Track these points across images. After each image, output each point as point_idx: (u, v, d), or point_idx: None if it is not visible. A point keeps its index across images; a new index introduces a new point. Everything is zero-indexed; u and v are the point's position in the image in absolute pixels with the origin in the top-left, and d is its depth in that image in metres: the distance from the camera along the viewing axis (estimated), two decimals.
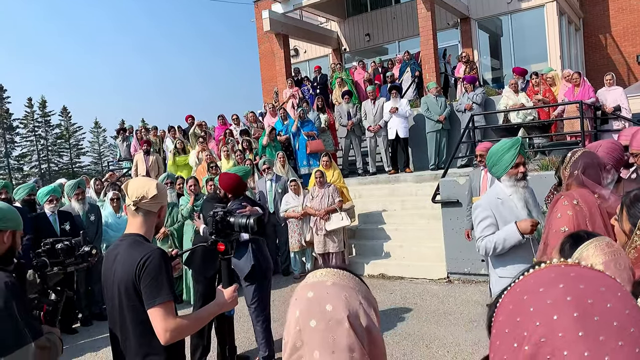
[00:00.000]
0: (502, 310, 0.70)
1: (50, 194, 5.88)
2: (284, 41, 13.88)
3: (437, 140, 9.44)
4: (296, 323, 0.88)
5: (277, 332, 5.14)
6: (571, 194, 2.59)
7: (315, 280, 0.93)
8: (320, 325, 0.85)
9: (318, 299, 0.88)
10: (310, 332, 0.86)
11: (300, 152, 9.43)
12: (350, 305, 0.87)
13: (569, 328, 0.60)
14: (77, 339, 5.73)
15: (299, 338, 0.87)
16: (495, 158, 3.14)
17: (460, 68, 11.13)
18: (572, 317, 0.60)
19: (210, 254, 4.16)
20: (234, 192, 4.21)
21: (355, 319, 0.86)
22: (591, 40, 15.17)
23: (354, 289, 0.91)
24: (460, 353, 4.40)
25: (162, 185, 2.13)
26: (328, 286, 0.90)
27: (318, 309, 0.87)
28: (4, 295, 1.72)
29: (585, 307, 0.61)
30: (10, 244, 1.91)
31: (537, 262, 0.72)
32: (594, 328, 0.59)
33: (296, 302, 0.91)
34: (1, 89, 50.76)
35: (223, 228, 2.06)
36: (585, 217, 2.47)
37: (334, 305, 0.86)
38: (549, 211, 2.74)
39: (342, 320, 0.85)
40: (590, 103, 8.15)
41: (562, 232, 2.49)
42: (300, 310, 0.89)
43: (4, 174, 48.67)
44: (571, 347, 0.59)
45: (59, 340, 1.90)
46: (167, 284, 1.89)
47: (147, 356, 1.93)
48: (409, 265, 7.20)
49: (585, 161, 2.70)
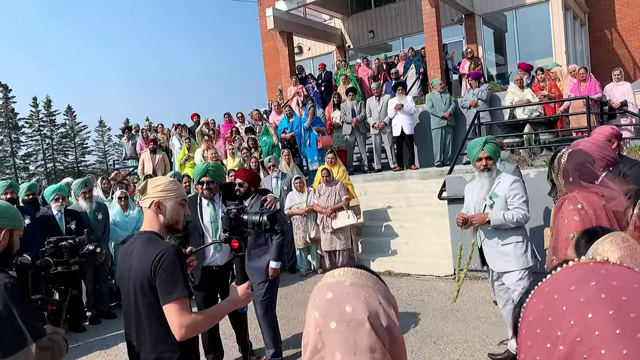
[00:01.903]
0: (531, 311, 0.69)
1: (57, 192, 5.90)
2: (288, 39, 13.86)
3: (442, 137, 9.41)
4: (316, 325, 0.88)
5: (284, 329, 5.15)
6: (575, 198, 2.57)
7: (334, 280, 0.92)
8: (341, 326, 0.85)
9: (337, 299, 0.87)
10: (330, 333, 0.85)
11: (311, 148, 9.42)
12: (370, 305, 0.87)
13: (606, 326, 0.59)
14: (86, 337, 5.76)
15: (320, 340, 0.86)
16: (468, 152, 4.03)
17: (465, 64, 11.09)
18: (607, 314, 0.60)
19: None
20: (255, 184, 4.23)
21: (375, 319, 0.86)
22: (597, 35, 15.07)
23: (373, 288, 0.90)
24: (468, 349, 4.40)
25: (179, 184, 2.13)
26: (347, 286, 0.89)
27: (337, 310, 0.86)
28: (3, 297, 1.69)
29: (620, 304, 0.60)
30: (6, 244, 1.84)
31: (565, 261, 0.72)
32: (631, 325, 0.58)
33: (315, 303, 0.90)
34: (6, 89, 50.93)
35: (237, 225, 2.07)
36: (592, 220, 2.46)
37: (353, 306, 0.86)
38: (554, 214, 2.74)
39: (363, 321, 0.84)
40: (597, 98, 8.10)
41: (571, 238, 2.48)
42: (320, 312, 0.88)
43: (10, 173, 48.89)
44: (609, 346, 0.58)
45: (64, 340, 1.87)
46: (182, 281, 1.90)
47: (162, 352, 1.94)
48: (416, 262, 7.20)
49: (575, 164, 2.68)
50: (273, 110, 11.34)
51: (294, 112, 10.29)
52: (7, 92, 51.00)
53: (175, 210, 2.07)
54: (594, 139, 3.55)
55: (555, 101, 8.45)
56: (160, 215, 2.05)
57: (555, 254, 2.62)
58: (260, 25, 18.76)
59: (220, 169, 4.32)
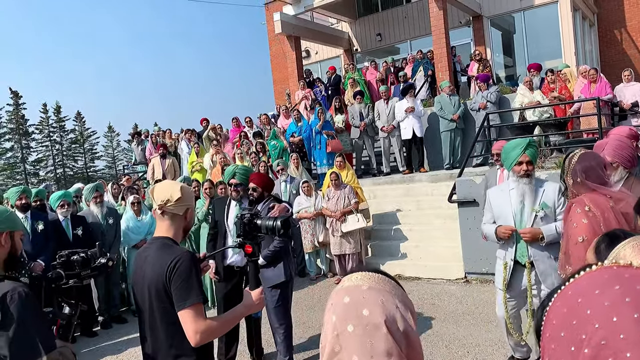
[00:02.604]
0: (554, 314, 0.69)
1: (62, 199, 5.96)
2: (296, 43, 13.91)
3: (451, 140, 9.39)
4: (333, 328, 0.88)
5: (294, 334, 5.14)
6: (582, 200, 2.55)
7: (351, 284, 0.93)
8: (358, 330, 0.85)
9: (355, 303, 0.88)
10: (348, 337, 0.86)
11: (321, 152, 9.44)
12: (387, 309, 0.87)
13: (631, 329, 0.59)
14: (98, 341, 5.79)
15: (337, 343, 0.87)
16: (505, 155, 3.59)
17: (474, 66, 11.05)
18: (632, 318, 0.60)
19: None
20: (268, 189, 4.26)
21: (392, 323, 0.86)
22: (606, 36, 14.97)
23: (390, 292, 0.91)
24: (480, 354, 4.37)
25: (187, 187, 2.14)
26: (364, 290, 0.90)
27: (355, 314, 0.87)
28: (18, 306, 1.67)
29: None
30: (10, 246, 1.83)
31: (588, 265, 0.72)
32: None
33: (332, 307, 0.91)
34: (17, 95, 51.54)
35: (250, 230, 2.07)
36: (600, 223, 2.43)
37: (370, 310, 0.86)
38: (563, 218, 2.72)
39: (380, 325, 0.85)
40: (607, 99, 8.04)
41: (581, 241, 2.46)
42: (337, 315, 0.89)
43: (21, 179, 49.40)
44: (634, 349, 0.58)
45: (72, 354, 1.85)
46: (196, 287, 1.91)
47: (178, 357, 1.94)
48: (426, 265, 7.17)
49: (583, 165, 2.67)
50: (281, 115, 11.38)
51: (302, 116, 10.32)
52: (18, 98, 51.60)
53: (193, 214, 2.15)
54: (620, 138, 3.34)
55: (565, 102, 8.41)
56: (186, 220, 2.11)
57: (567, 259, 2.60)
58: (268, 29, 18.85)
59: (248, 172, 4.43)
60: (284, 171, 7.93)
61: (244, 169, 4.40)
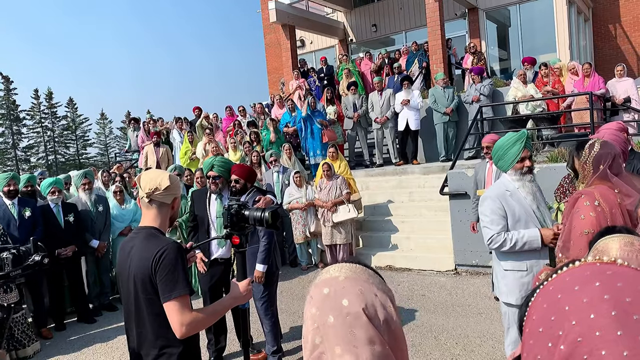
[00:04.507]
0: (535, 309, 0.69)
1: (53, 185, 5.92)
2: (290, 32, 13.80)
3: (445, 132, 9.39)
4: (314, 320, 0.88)
5: (285, 323, 5.17)
6: (592, 193, 2.51)
7: (329, 276, 0.93)
8: (338, 320, 0.85)
9: (334, 294, 0.88)
10: (329, 328, 0.86)
11: (314, 142, 9.41)
12: (366, 298, 0.87)
13: (607, 327, 0.59)
14: (87, 329, 5.78)
15: (318, 335, 0.87)
16: (501, 152, 3.14)
17: (468, 59, 11.03)
18: (609, 315, 0.59)
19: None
20: (251, 180, 4.22)
21: (372, 311, 0.86)
22: (600, 31, 14.98)
23: (367, 281, 0.91)
24: (469, 344, 4.40)
25: (175, 176, 2.12)
26: (342, 281, 0.90)
27: (334, 305, 0.86)
28: None
29: (624, 305, 0.60)
30: None
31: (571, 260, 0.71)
32: (633, 327, 0.58)
33: (312, 300, 0.91)
34: (8, 80, 50.91)
35: (238, 221, 2.06)
36: (607, 218, 2.42)
37: (350, 300, 0.86)
38: (567, 208, 2.64)
39: (359, 313, 0.85)
40: (600, 94, 8.07)
41: (586, 234, 2.45)
42: (317, 307, 0.88)
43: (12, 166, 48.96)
44: (609, 347, 0.58)
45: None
46: (182, 278, 1.89)
47: (164, 348, 1.93)
48: (417, 257, 7.20)
49: (606, 152, 2.61)
50: (275, 104, 11.32)
51: (296, 106, 10.27)
52: (9, 83, 50.98)
53: (179, 203, 2.13)
54: (615, 132, 3.29)
55: (558, 97, 8.42)
56: (173, 209, 2.09)
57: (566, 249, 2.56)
58: (263, 18, 18.69)
59: (227, 164, 4.34)
60: (276, 162, 7.91)
61: (222, 161, 4.31)
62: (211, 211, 4.29)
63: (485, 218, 3.16)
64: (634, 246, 1.22)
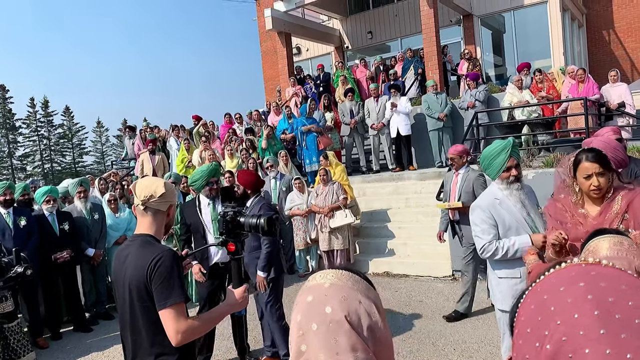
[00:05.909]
0: (524, 310, 0.70)
1: (47, 194, 5.91)
2: (286, 39, 13.87)
3: (439, 138, 9.41)
4: (299, 327, 0.89)
5: None
6: None
7: (314, 283, 0.94)
8: (322, 328, 0.86)
9: (317, 302, 0.89)
10: (313, 335, 0.86)
11: (310, 150, 9.43)
12: (350, 305, 0.88)
13: (590, 326, 0.60)
14: (83, 338, 5.75)
15: (303, 342, 0.88)
16: (487, 162, 3.14)
17: (463, 65, 11.10)
18: (592, 315, 0.61)
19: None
20: (254, 189, 4.23)
21: (354, 318, 0.87)
22: (594, 37, 15.11)
23: (352, 288, 0.91)
24: (467, 350, 4.40)
25: (170, 184, 2.12)
26: (326, 288, 0.91)
27: (318, 312, 0.87)
28: None
29: (606, 305, 0.61)
30: None
31: (558, 262, 0.73)
32: (616, 326, 0.60)
33: (297, 307, 0.92)
34: (3, 89, 50.88)
35: (233, 228, 2.06)
36: None
37: (332, 307, 0.87)
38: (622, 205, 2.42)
39: (341, 321, 0.85)
40: (595, 99, 8.12)
41: None
42: (302, 315, 0.89)
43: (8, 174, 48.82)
44: (592, 345, 0.59)
45: None
46: (178, 286, 1.89)
47: (159, 356, 1.93)
48: (414, 263, 7.21)
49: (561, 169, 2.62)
50: (272, 111, 11.35)
51: (292, 113, 10.30)
52: (5, 92, 50.95)
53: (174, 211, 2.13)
54: (607, 139, 3.22)
55: (553, 102, 8.48)
56: (168, 217, 2.09)
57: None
58: (259, 25, 18.77)
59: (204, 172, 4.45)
60: (273, 167, 7.92)
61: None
62: (204, 217, 4.31)
63: (476, 228, 3.17)
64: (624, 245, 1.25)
